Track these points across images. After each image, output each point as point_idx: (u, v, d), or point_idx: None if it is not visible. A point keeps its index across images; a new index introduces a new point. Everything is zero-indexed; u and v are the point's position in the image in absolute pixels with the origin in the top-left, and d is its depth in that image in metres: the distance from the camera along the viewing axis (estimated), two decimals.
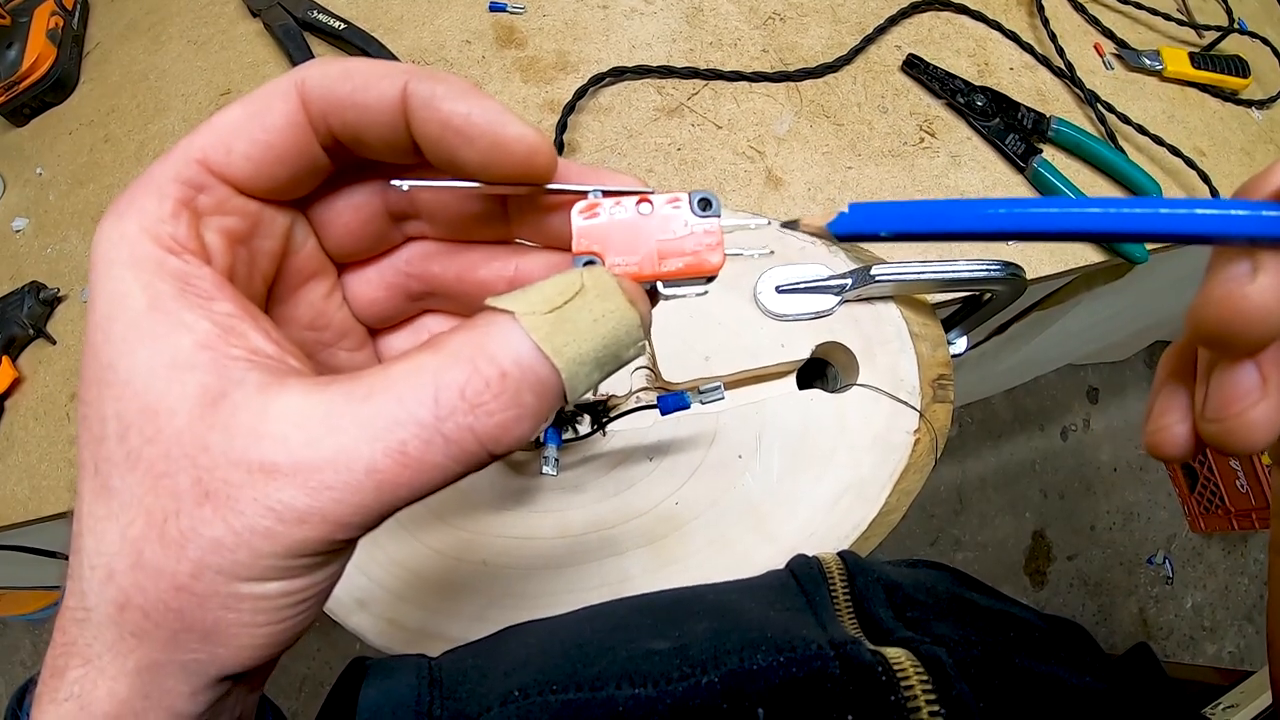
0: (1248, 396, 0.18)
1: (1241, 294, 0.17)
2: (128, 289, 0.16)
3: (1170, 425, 0.21)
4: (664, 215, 0.19)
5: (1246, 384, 0.18)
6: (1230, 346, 0.18)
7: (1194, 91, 0.65)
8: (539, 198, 0.20)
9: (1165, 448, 0.21)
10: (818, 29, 0.62)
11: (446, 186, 0.19)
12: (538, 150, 0.18)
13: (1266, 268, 0.17)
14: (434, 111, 0.18)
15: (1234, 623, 1.54)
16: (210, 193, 0.18)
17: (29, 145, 0.60)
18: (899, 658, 0.28)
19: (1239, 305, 0.17)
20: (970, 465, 1.58)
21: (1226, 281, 0.17)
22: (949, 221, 0.18)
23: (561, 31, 0.60)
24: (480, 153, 0.18)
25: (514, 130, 0.18)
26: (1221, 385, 0.19)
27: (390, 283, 0.23)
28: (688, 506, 0.45)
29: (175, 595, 0.15)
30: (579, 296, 0.17)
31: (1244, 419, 0.18)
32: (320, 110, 0.18)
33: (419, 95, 0.17)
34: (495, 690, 0.29)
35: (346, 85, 0.18)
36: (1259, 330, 0.17)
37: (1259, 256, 0.17)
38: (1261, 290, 0.17)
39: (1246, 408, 0.18)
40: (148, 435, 0.16)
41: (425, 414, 0.15)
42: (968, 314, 0.52)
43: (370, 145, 0.19)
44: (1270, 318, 0.17)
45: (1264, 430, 0.18)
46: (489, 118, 0.18)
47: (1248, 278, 0.17)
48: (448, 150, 0.18)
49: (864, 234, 0.19)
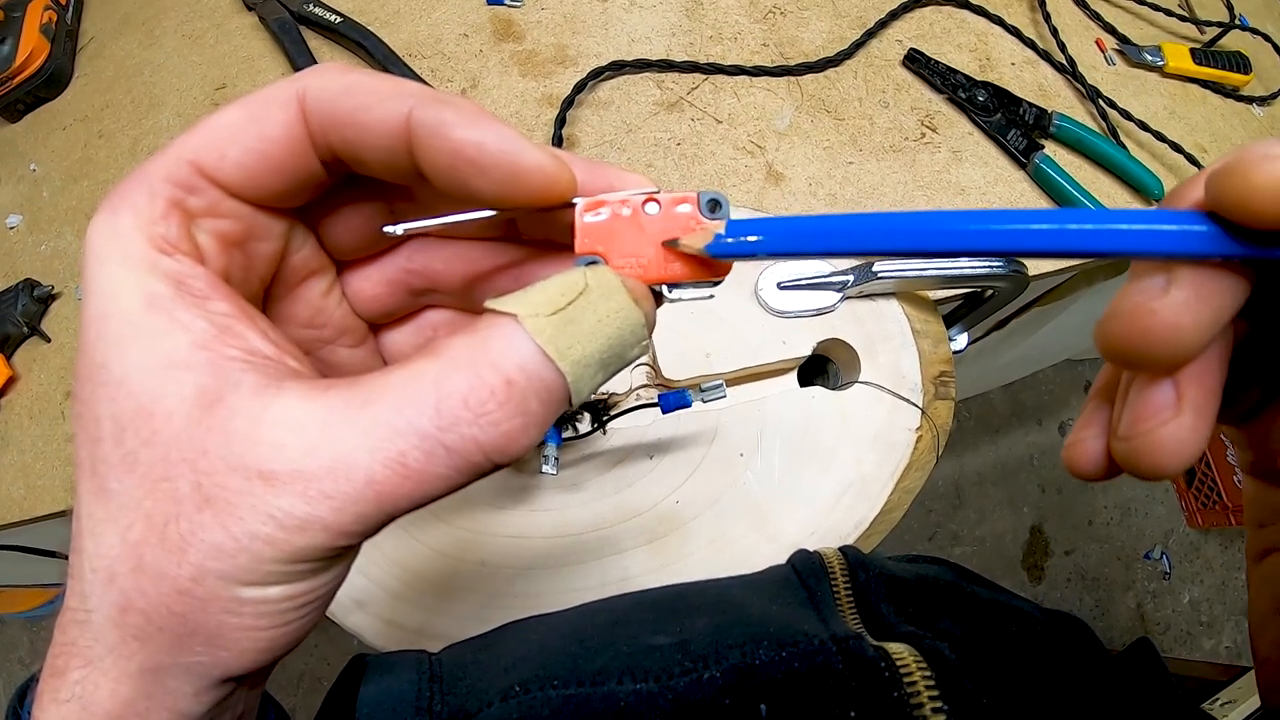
0: (1159, 414, 0.17)
1: (1149, 309, 0.15)
2: (121, 287, 0.16)
3: (1085, 440, 0.19)
4: (671, 215, 0.19)
5: (1159, 401, 0.17)
6: (1139, 365, 0.17)
7: (1195, 87, 0.65)
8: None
9: (1079, 463, 0.19)
10: (818, 23, 0.62)
11: (444, 225, 0.19)
12: (556, 180, 0.17)
13: (1180, 282, 0.15)
14: (443, 140, 0.17)
15: (1231, 618, 1.55)
16: (201, 195, 0.17)
17: (22, 141, 0.60)
18: (901, 653, 0.28)
19: (1146, 322, 0.15)
20: (968, 460, 1.58)
21: (1135, 295, 0.16)
22: (828, 241, 0.17)
23: (560, 25, 0.60)
24: (495, 183, 0.17)
25: (531, 159, 0.17)
26: (1133, 402, 0.17)
27: (391, 279, 0.22)
28: (688, 505, 0.45)
29: (177, 599, 0.15)
30: (583, 297, 0.16)
31: (1153, 438, 0.17)
32: (320, 124, 0.17)
33: (427, 121, 0.16)
34: (496, 685, 0.29)
35: (348, 102, 0.17)
36: (1168, 350, 0.15)
37: (1174, 270, 0.15)
38: (1173, 306, 0.15)
39: (1156, 426, 0.17)
40: (144, 437, 0.15)
41: (426, 424, 0.15)
42: (969, 310, 0.52)
43: (370, 166, 0.18)
44: (1180, 336, 0.15)
45: (1174, 451, 0.16)
46: (504, 146, 0.17)
47: (1159, 292, 0.15)
48: (459, 180, 0.17)
49: (741, 255, 0.18)
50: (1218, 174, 0.15)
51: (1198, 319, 0.15)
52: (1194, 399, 0.16)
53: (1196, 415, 0.16)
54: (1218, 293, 0.15)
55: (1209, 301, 0.15)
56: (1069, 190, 0.55)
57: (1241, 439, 0.22)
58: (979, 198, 0.56)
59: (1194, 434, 0.16)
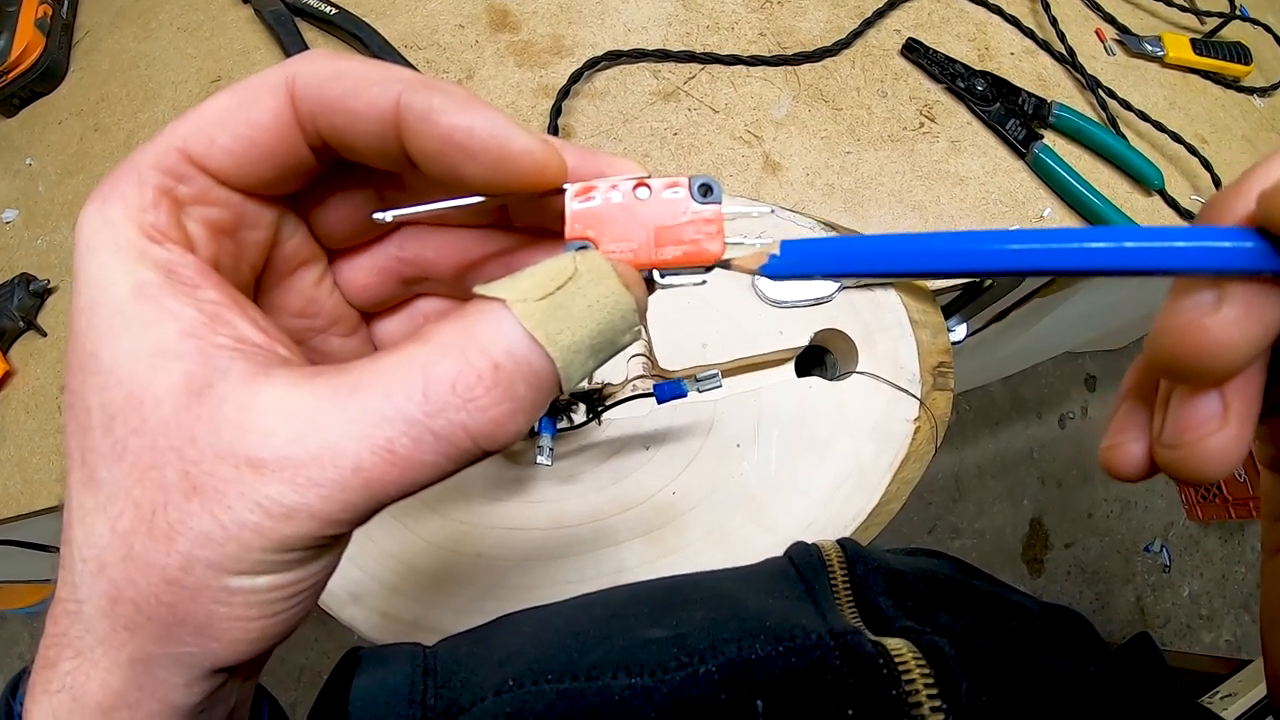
0: (1206, 424, 0.17)
1: (1202, 326, 0.16)
2: (111, 276, 0.16)
3: (1126, 443, 0.20)
4: (662, 200, 0.19)
5: (1206, 411, 0.17)
6: (1189, 379, 0.17)
7: (1195, 78, 0.65)
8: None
9: (1119, 466, 0.20)
10: (816, 12, 0.61)
11: (434, 210, 0.19)
12: (546, 165, 0.17)
13: (1232, 299, 0.16)
14: (433, 125, 0.17)
15: (1231, 611, 1.55)
16: (191, 183, 0.17)
17: (18, 135, 0.59)
18: (900, 649, 0.27)
19: (1199, 338, 0.16)
20: (968, 453, 1.58)
21: (1187, 311, 0.16)
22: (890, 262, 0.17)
23: (555, 15, 0.60)
24: (485, 168, 0.17)
25: (521, 144, 0.17)
26: (1180, 411, 0.17)
27: (383, 268, 0.22)
28: (685, 496, 0.45)
29: (166, 589, 0.15)
30: (572, 281, 0.16)
31: (1200, 447, 0.17)
32: (309, 110, 0.17)
33: (416, 107, 0.16)
34: (490, 679, 0.29)
35: (337, 88, 0.17)
36: (1219, 365, 0.16)
37: (1225, 286, 0.16)
38: (1225, 323, 0.15)
39: (1204, 435, 0.17)
40: (133, 426, 0.15)
41: (414, 410, 0.15)
42: (968, 301, 0.52)
43: (360, 152, 0.18)
44: (1232, 352, 0.16)
45: (1220, 460, 0.17)
46: (493, 131, 0.17)
47: (1210, 308, 0.16)
48: (449, 166, 0.17)
49: (798, 275, 0.18)
50: (1271, 195, 0.15)
51: (1249, 334, 0.16)
52: (1239, 409, 0.17)
53: (1241, 425, 0.17)
54: (1269, 308, 0.16)
55: (1260, 317, 0.16)
56: (1068, 180, 0.55)
57: (1263, 433, 0.22)
58: (978, 187, 0.56)
59: (1239, 443, 0.17)
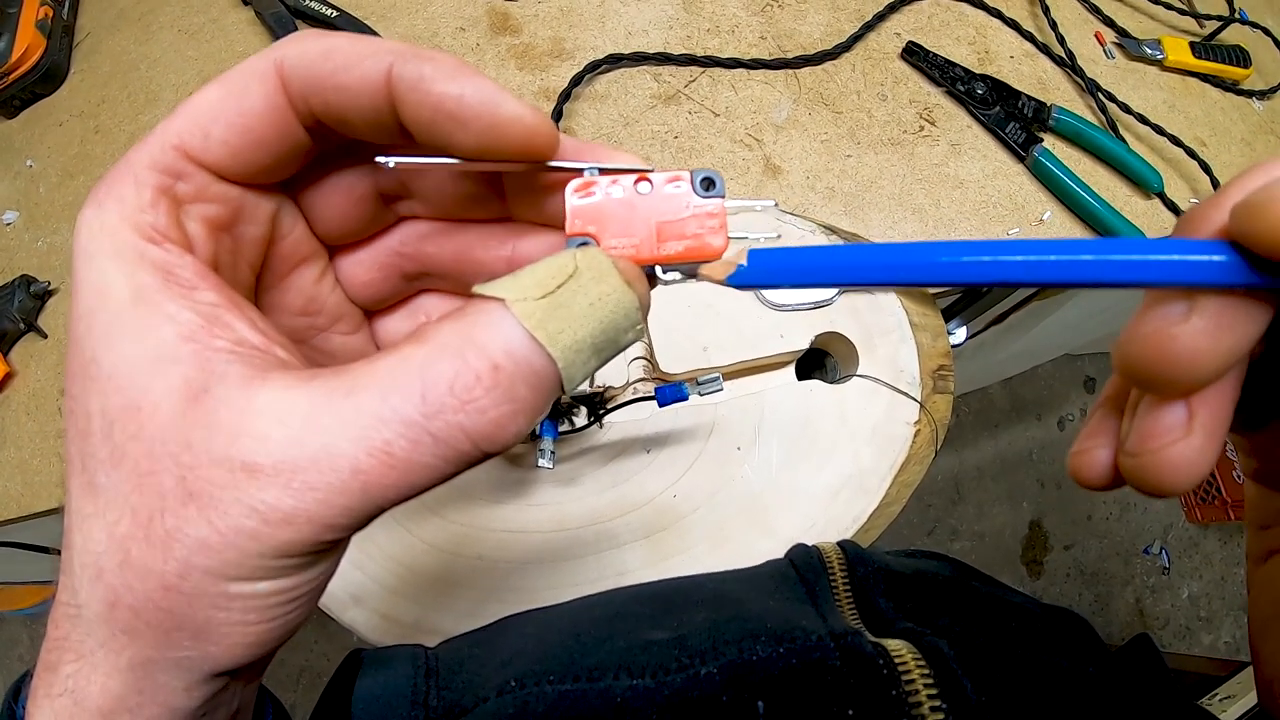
0: (1169, 433, 0.17)
1: (1170, 335, 0.15)
2: (110, 281, 0.16)
3: (1093, 449, 0.19)
4: (664, 195, 0.18)
5: (1170, 420, 0.17)
6: (1156, 388, 0.17)
7: (1195, 81, 0.65)
8: (536, 175, 0.20)
9: (1085, 472, 0.20)
10: (816, 16, 0.61)
11: (434, 163, 0.18)
12: (536, 131, 0.17)
13: (1202, 310, 0.15)
14: (423, 94, 0.17)
15: (1230, 613, 1.55)
16: (189, 180, 0.17)
17: (19, 137, 0.59)
18: (900, 650, 0.27)
19: (1167, 347, 0.16)
20: (967, 455, 1.58)
21: (1156, 320, 0.16)
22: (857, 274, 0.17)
23: (556, 18, 0.60)
24: (476, 135, 0.17)
25: (510, 110, 0.17)
26: (1144, 420, 0.17)
27: (384, 264, 0.22)
28: (686, 499, 0.45)
29: (164, 595, 0.15)
30: (573, 279, 0.16)
31: (1160, 456, 0.17)
32: (300, 91, 0.17)
33: (406, 77, 0.17)
34: (492, 680, 0.29)
35: (327, 65, 0.17)
36: (1186, 374, 0.16)
37: (1196, 297, 0.15)
38: (1193, 333, 0.15)
39: (1166, 445, 0.17)
40: (131, 431, 0.15)
41: (411, 411, 0.15)
42: (968, 304, 0.52)
43: (354, 126, 0.18)
44: (1199, 362, 0.15)
45: (1181, 471, 0.17)
46: (483, 98, 0.17)
47: (1180, 318, 0.15)
48: (441, 134, 0.17)
49: (765, 285, 0.18)
50: (1243, 209, 0.15)
51: (1217, 346, 0.15)
52: (1205, 421, 0.17)
53: (1206, 437, 0.17)
54: (1239, 321, 0.15)
55: (1230, 330, 0.15)
56: (1068, 184, 0.55)
57: (1246, 445, 0.22)
58: (978, 190, 0.56)
59: (1202, 455, 0.17)
